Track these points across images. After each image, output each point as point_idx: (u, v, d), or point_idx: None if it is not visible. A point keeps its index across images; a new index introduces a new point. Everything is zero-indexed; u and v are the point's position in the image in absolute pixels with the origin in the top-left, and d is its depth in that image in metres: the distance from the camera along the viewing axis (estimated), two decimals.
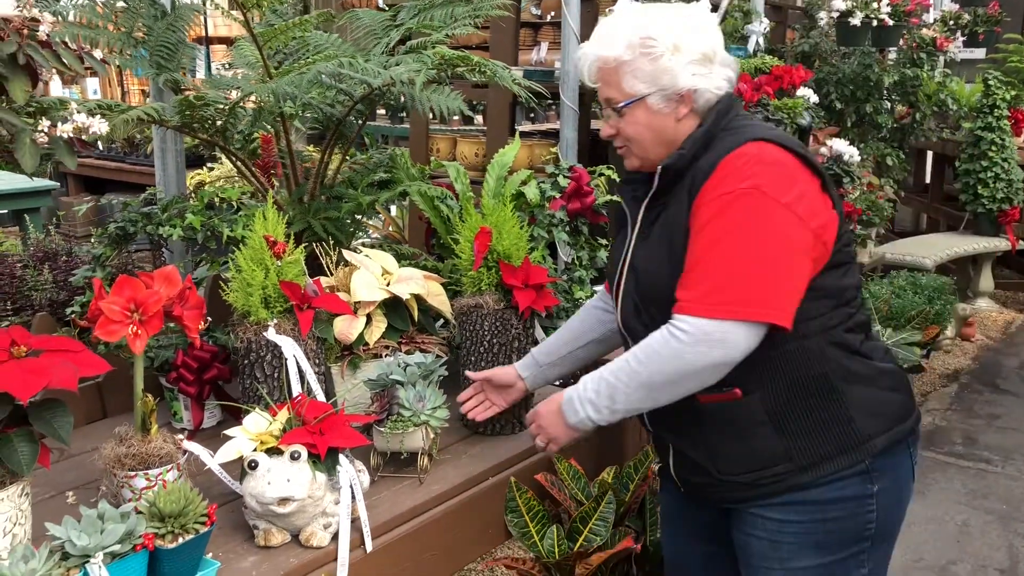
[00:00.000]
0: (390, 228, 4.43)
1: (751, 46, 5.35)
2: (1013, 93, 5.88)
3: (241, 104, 2.23)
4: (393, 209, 4.51)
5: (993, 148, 5.66)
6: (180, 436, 1.78)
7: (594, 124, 4.77)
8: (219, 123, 2.22)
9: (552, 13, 6.54)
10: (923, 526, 3.49)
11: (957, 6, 7.15)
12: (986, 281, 6.01)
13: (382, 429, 1.95)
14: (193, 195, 2.45)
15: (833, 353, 1.56)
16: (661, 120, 1.62)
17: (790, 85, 4.84)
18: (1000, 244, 5.77)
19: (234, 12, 2.23)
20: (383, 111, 8.11)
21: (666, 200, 1.60)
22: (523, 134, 4.98)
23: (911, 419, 1.66)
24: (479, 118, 6.51)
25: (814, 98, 5.13)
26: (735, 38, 5.25)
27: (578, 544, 1.96)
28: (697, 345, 1.48)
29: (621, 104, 1.60)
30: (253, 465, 1.63)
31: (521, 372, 1.89)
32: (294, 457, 1.63)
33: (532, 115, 9.22)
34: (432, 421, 1.94)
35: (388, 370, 2.00)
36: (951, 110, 6.18)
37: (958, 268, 6.14)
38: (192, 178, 4.40)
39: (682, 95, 1.61)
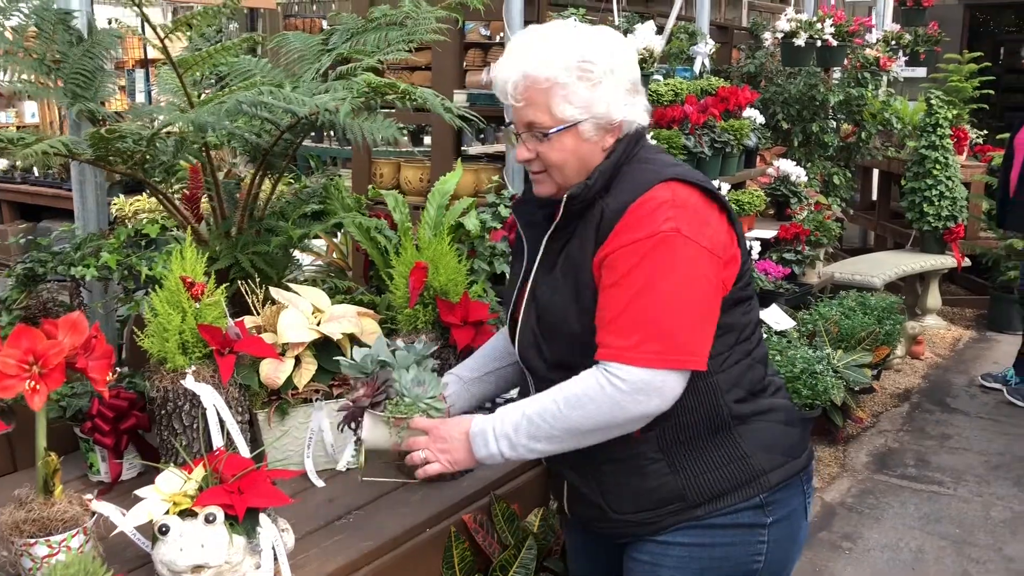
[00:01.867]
0: (334, 255, 4.31)
1: (697, 67, 5.34)
2: (955, 112, 5.95)
3: (162, 135, 2.11)
4: (339, 234, 4.39)
5: (937, 166, 5.71)
6: (89, 496, 1.64)
7: None
8: (137, 155, 2.09)
9: (501, 34, 6.47)
10: (879, 553, 3.44)
11: (898, 26, 7.25)
12: (934, 298, 6.05)
13: (380, 414, 1.71)
14: (111, 230, 2.31)
15: (731, 389, 1.57)
16: (588, 148, 1.55)
17: (736, 106, 4.82)
18: (946, 261, 5.82)
19: (154, 37, 2.11)
20: (332, 133, 8.00)
21: (570, 231, 1.56)
22: (469, 158, 4.90)
23: (804, 455, 1.67)
24: (428, 139, 6.42)
25: (760, 119, 5.13)
26: (681, 59, 5.23)
27: None
28: (636, 394, 1.45)
29: (552, 130, 1.52)
30: (164, 530, 1.50)
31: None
32: (209, 520, 1.51)
33: (482, 136, 9.16)
34: (432, 412, 1.72)
35: (373, 352, 1.79)
36: (895, 129, 6.24)
37: (906, 286, 6.18)
38: (130, 205, 4.23)
39: (613, 125, 1.55)
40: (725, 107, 4.73)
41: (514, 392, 1.94)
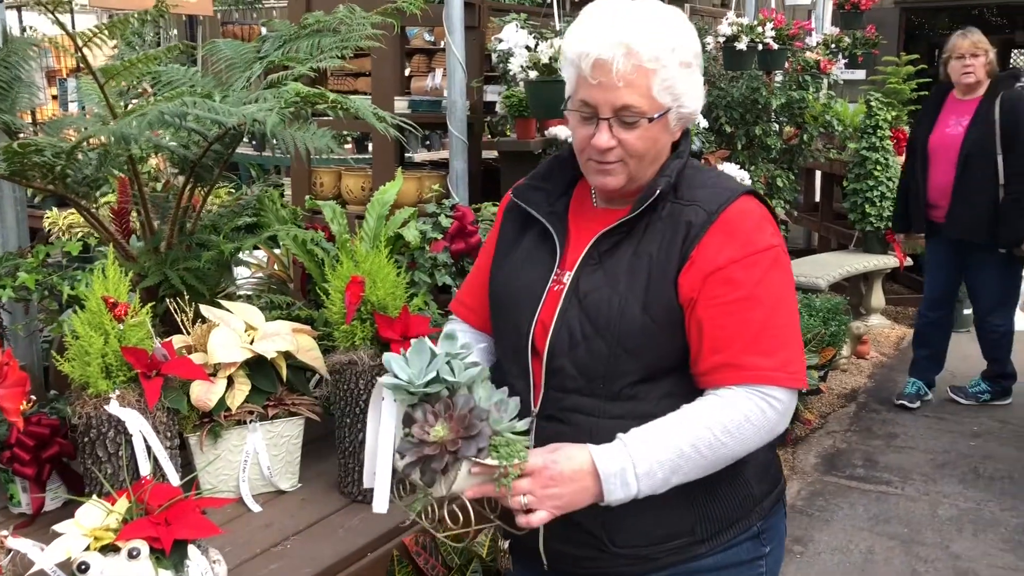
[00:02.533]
0: (275, 267, 4.21)
1: None
2: (894, 113, 6.03)
3: (84, 147, 2.01)
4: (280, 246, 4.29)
5: (878, 167, 5.78)
6: (5, 532, 1.55)
7: (485, 154, 4.65)
8: (57, 169, 2.00)
9: (445, 40, 6.40)
10: (830, 556, 3.44)
11: (837, 29, 7.34)
12: (877, 298, 6.12)
13: (489, 462, 1.30)
14: (31, 248, 2.21)
15: None
16: (666, 140, 1.46)
17: None
18: (889, 261, 5.89)
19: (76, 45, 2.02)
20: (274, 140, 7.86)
21: (636, 228, 1.44)
22: (412, 165, 4.83)
23: (783, 476, 1.62)
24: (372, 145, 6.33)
25: (704, 122, 5.13)
26: None
27: None
28: (784, 416, 1.40)
29: (654, 116, 1.39)
30: (83, 568, 1.41)
31: None
32: (133, 555, 1.42)
33: (428, 143, 9.06)
34: (520, 447, 1.34)
35: (417, 363, 1.35)
36: (836, 131, 6.30)
37: (850, 286, 6.24)
38: (64, 218, 4.08)
39: (691, 116, 1.48)
40: None
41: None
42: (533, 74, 3.56)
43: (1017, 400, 4.88)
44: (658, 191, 1.42)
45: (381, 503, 1.56)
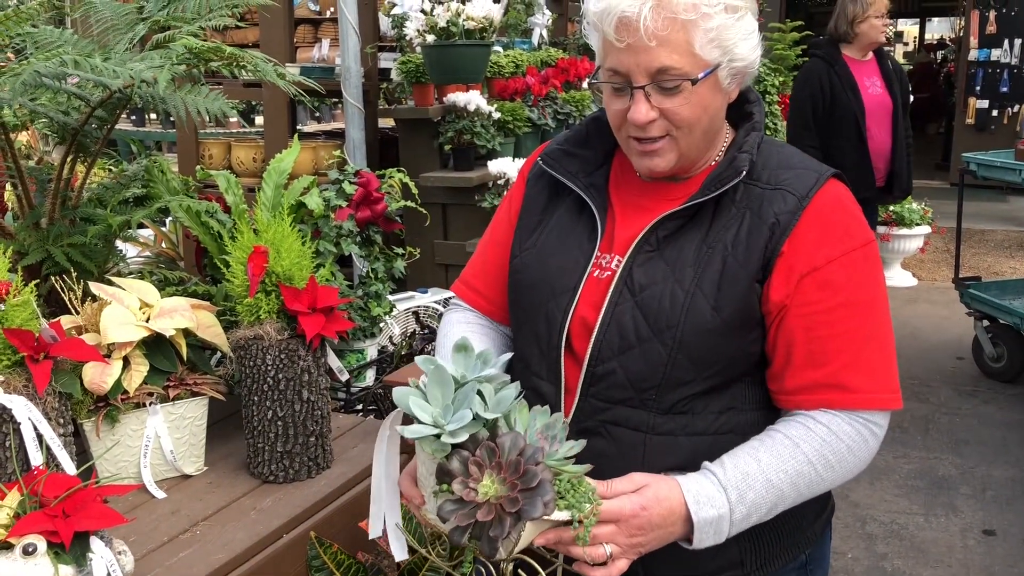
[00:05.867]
0: (163, 244, 4.02)
1: (535, 39, 5.29)
2: (780, 79, 6.17)
3: None
4: (167, 222, 4.10)
5: (767, 133, 5.93)
6: None
7: (381, 123, 4.54)
8: None
9: (331, 9, 6.25)
10: None
11: None
12: None
13: (558, 518, 1.09)
14: None
15: None
16: (719, 103, 1.23)
17: (576, 77, 4.81)
18: None
19: None
20: (155, 115, 7.51)
21: (695, 211, 1.23)
22: (306, 135, 4.68)
23: (831, 496, 1.42)
24: (260, 119, 6.12)
25: None
26: (519, 31, 5.16)
27: None
28: (879, 442, 1.24)
29: (698, 76, 1.16)
30: None
31: None
32: (28, 551, 1.31)
33: (317, 115, 8.82)
34: (582, 492, 1.12)
35: (438, 397, 1.10)
36: None
37: None
38: None
39: (746, 70, 1.24)
40: (565, 78, 4.71)
41: None
42: (430, 38, 3.48)
43: (907, 353, 5.08)
44: (743, 171, 1.21)
45: (400, 552, 1.34)
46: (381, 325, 2.60)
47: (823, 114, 4.41)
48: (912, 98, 4.75)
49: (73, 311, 1.87)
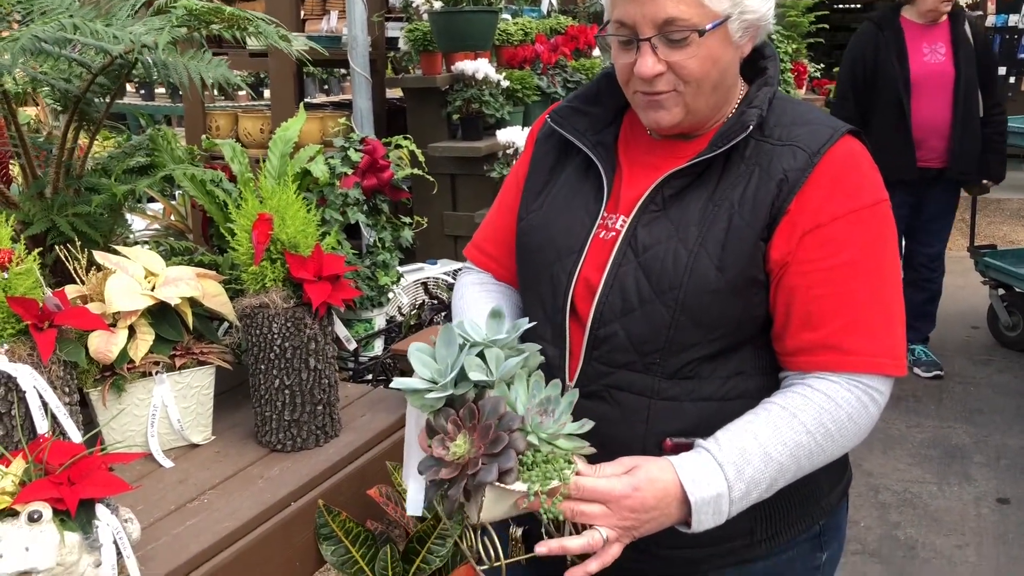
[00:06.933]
0: (172, 217, 4.01)
1: (544, 7, 5.23)
2: (794, 46, 6.09)
3: None
4: (177, 195, 4.09)
5: None
6: None
7: (389, 94, 4.50)
8: None
9: None
10: None
11: None
12: None
13: (515, 488, 1.06)
14: None
15: None
16: (730, 57, 1.20)
17: (586, 45, 4.75)
18: None
19: None
20: (163, 90, 7.49)
21: (703, 169, 1.20)
22: (314, 106, 4.65)
23: (849, 466, 1.38)
24: (268, 92, 6.09)
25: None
26: None
27: (414, 566, 1.75)
28: (880, 412, 1.19)
29: (706, 28, 1.14)
30: None
31: None
32: (33, 518, 1.31)
33: (326, 87, 8.77)
34: (571, 453, 1.12)
35: (444, 358, 1.11)
36: None
37: None
38: None
39: (758, 22, 1.20)
40: (575, 46, 4.65)
41: None
42: (437, 5, 3.43)
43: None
44: (750, 126, 1.18)
45: (414, 506, 1.31)
46: (389, 295, 2.58)
47: (864, 83, 4.08)
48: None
49: (78, 281, 1.86)
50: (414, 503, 1.30)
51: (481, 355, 1.11)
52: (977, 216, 4.98)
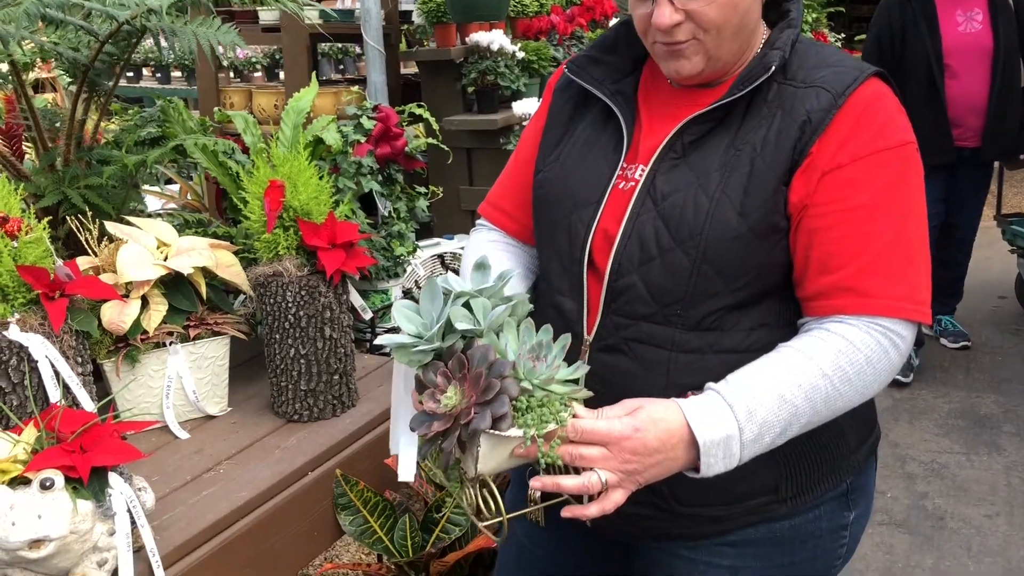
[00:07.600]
0: (188, 196, 4.00)
1: None
2: (814, 16, 5.99)
3: None
4: (194, 174, 4.08)
5: None
6: None
7: (404, 70, 4.46)
8: None
9: None
10: None
11: None
12: None
13: (510, 435, 1.03)
14: None
15: None
16: (751, 1, 1.16)
17: (603, 16, 4.69)
18: None
19: None
20: (179, 73, 7.48)
21: (725, 115, 1.17)
22: (328, 81, 4.61)
23: (878, 422, 1.34)
24: (283, 74, 6.06)
25: None
26: None
27: (434, 536, 1.73)
28: (903, 358, 1.13)
29: None
30: None
31: None
32: (46, 486, 1.29)
33: (341, 67, 8.73)
34: (567, 397, 1.08)
35: (429, 310, 1.09)
36: None
37: None
38: None
39: None
40: (591, 17, 4.59)
41: None
42: None
43: None
44: (772, 67, 1.14)
45: (406, 471, 1.27)
46: (405, 266, 2.55)
47: (892, 56, 3.72)
48: None
49: (91, 252, 1.84)
50: (406, 468, 1.26)
51: (467, 306, 1.08)
52: (1004, 185, 4.88)
